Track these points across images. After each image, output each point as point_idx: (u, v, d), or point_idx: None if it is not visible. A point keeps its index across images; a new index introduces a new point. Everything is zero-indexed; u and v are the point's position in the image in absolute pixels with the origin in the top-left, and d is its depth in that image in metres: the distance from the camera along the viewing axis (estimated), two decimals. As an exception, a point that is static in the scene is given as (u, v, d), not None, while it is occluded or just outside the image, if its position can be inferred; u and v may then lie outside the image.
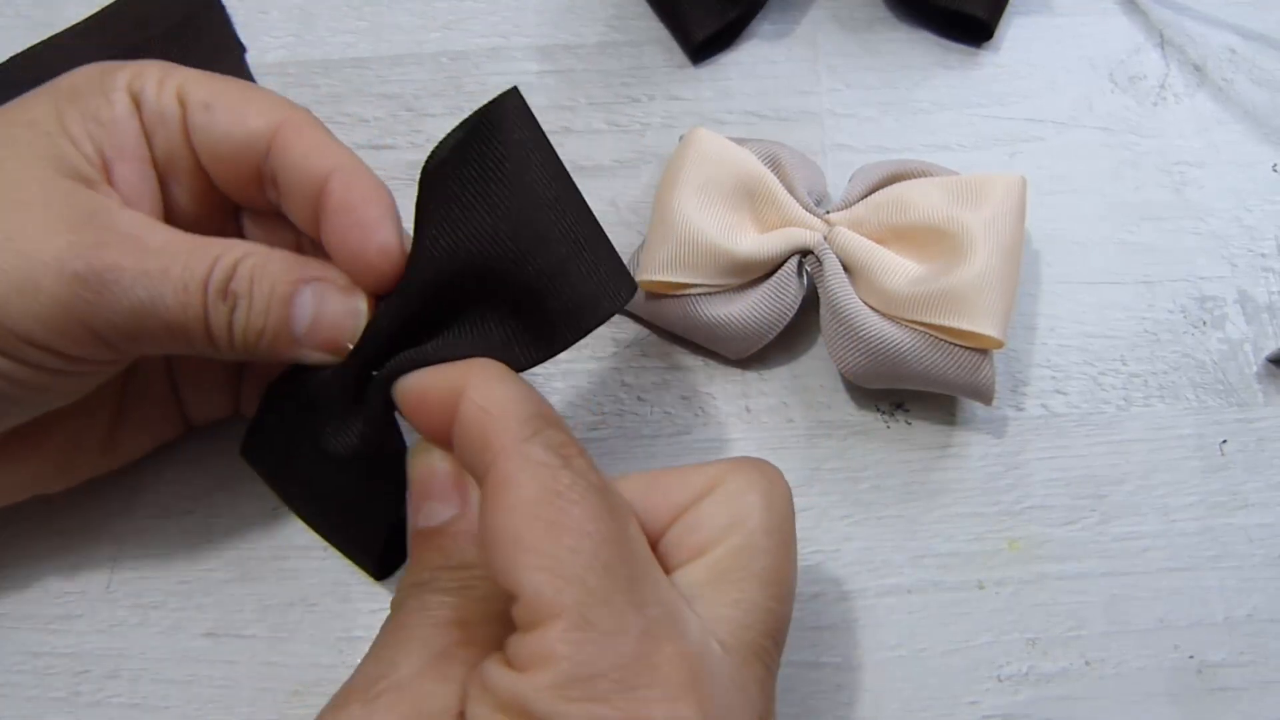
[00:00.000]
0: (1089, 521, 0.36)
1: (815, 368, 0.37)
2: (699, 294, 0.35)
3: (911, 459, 0.36)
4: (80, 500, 0.34)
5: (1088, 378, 0.37)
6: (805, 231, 0.35)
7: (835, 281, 0.34)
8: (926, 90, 0.41)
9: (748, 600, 0.25)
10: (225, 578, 0.35)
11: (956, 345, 0.33)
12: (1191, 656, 0.34)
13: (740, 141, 0.36)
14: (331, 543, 0.34)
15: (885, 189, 0.35)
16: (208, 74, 0.30)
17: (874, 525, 0.36)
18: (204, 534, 0.35)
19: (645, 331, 0.38)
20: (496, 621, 0.26)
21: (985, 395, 0.34)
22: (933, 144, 0.40)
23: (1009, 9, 0.42)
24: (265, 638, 0.34)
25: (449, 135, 0.29)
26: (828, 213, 0.36)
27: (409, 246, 0.29)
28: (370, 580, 0.35)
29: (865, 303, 0.34)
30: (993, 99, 0.41)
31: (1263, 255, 0.39)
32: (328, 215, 0.29)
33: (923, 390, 0.35)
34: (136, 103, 0.29)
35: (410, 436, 0.29)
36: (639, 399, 0.37)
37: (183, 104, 0.29)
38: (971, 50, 0.42)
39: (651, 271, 0.35)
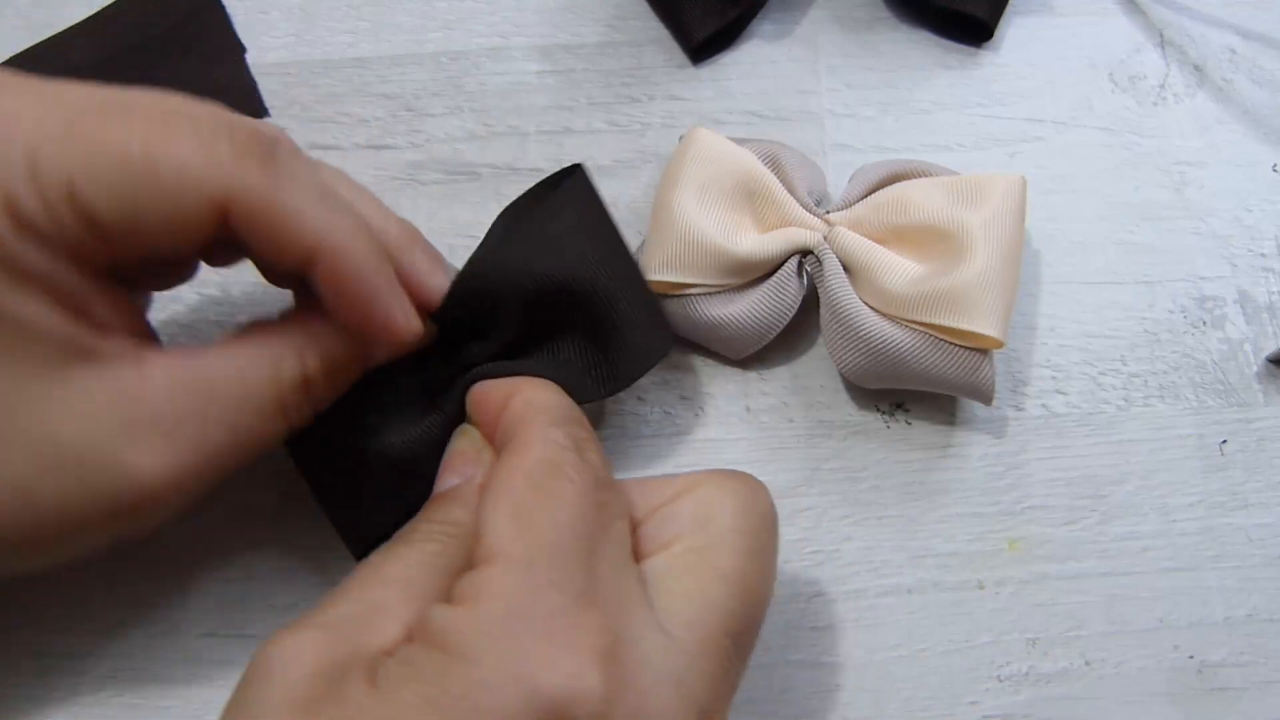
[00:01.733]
0: (1089, 521, 0.36)
1: (815, 368, 0.37)
2: (699, 294, 0.35)
3: (911, 459, 0.36)
4: (80, 500, 0.34)
5: (1088, 378, 0.37)
6: (805, 231, 0.35)
7: (835, 281, 0.34)
8: (926, 90, 0.41)
9: (705, 595, 0.25)
10: (225, 578, 0.35)
11: (956, 345, 0.33)
12: (1191, 656, 0.34)
13: (740, 141, 0.36)
14: (363, 549, 0.32)
15: (885, 189, 0.35)
16: (76, 142, 0.23)
17: (874, 525, 0.36)
18: (204, 534, 0.35)
19: (645, 331, 0.38)
20: (445, 578, 0.26)
21: (985, 395, 0.34)
22: (933, 144, 0.40)
23: (1009, 9, 0.42)
24: (265, 638, 0.34)
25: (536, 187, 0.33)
26: (828, 213, 0.36)
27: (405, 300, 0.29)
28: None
29: (865, 303, 0.34)
30: (993, 99, 0.41)
31: (1263, 255, 0.39)
32: (328, 301, 0.27)
33: (923, 390, 0.35)
34: (39, 238, 0.23)
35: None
36: (639, 399, 0.37)
37: (91, 224, 0.24)
38: (971, 50, 0.42)
39: (651, 271, 0.35)
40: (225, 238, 0.25)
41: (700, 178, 0.35)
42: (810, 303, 0.36)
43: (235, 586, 0.35)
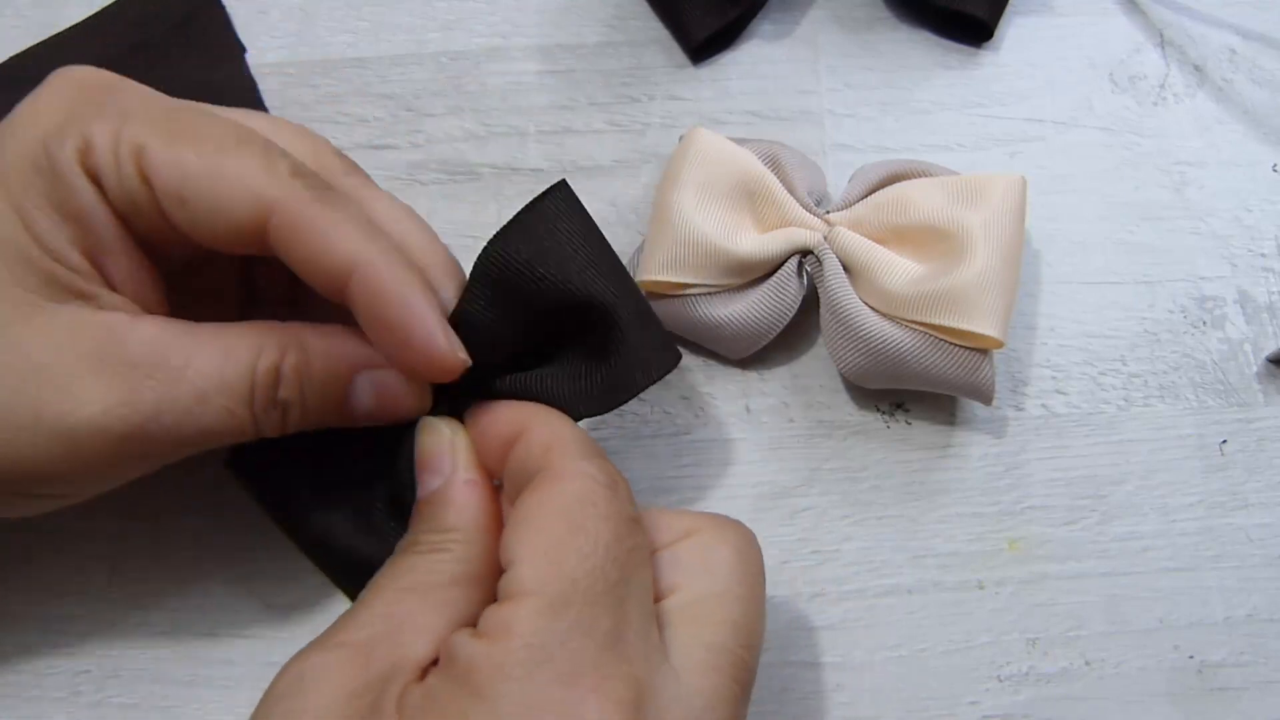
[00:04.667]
0: (1089, 521, 0.36)
1: (815, 368, 0.37)
2: (699, 294, 0.35)
3: (911, 459, 0.36)
4: (80, 500, 0.34)
5: (1088, 378, 0.37)
6: (805, 231, 0.35)
7: (835, 281, 0.34)
8: (926, 90, 0.41)
9: (719, 644, 0.25)
10: (225, 578, 0.35)
11: (956, 345, 0.33)
12: (1191, 656, 0.34)
13: (740, 141, 0.36)
14: (324, 563, 0.32)
15: (885, 189, 0.35)
16: (163, 124, 0.26)
17: (874, 525, 0.36)
18: (204, 534, 0.35)
19: (645, 331, 0.38)
20: (463, 586, 0.26)
21: (985, 395, 0.34)
22: (933, 144, 0.40)
23: (1009, 9, 0.42)
24: (265, 638, 0.34)
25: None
26: (828, 213, 0.36)
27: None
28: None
29: (865, 303, 0.34)
30: (993, 99, 0.41)
31: (1263, 255, 0.39)
32: (362, 322, 0.27)
33: (923, 390, 0.35)
34: (96, 182, 0.26)
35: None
36: (639, 399, 0.37)
37: (148, 183, 0.26)
38: (971, 50, 0.42)
39: (651, 271, 0.35)
40: (269, 250, 0.27)
41: (700, 178, 0.35)
42: (810, 303, 0.36)
43: (235, 586, 0.35)
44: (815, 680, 0.34)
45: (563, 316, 0.29)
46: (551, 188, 0.30)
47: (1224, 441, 0.37)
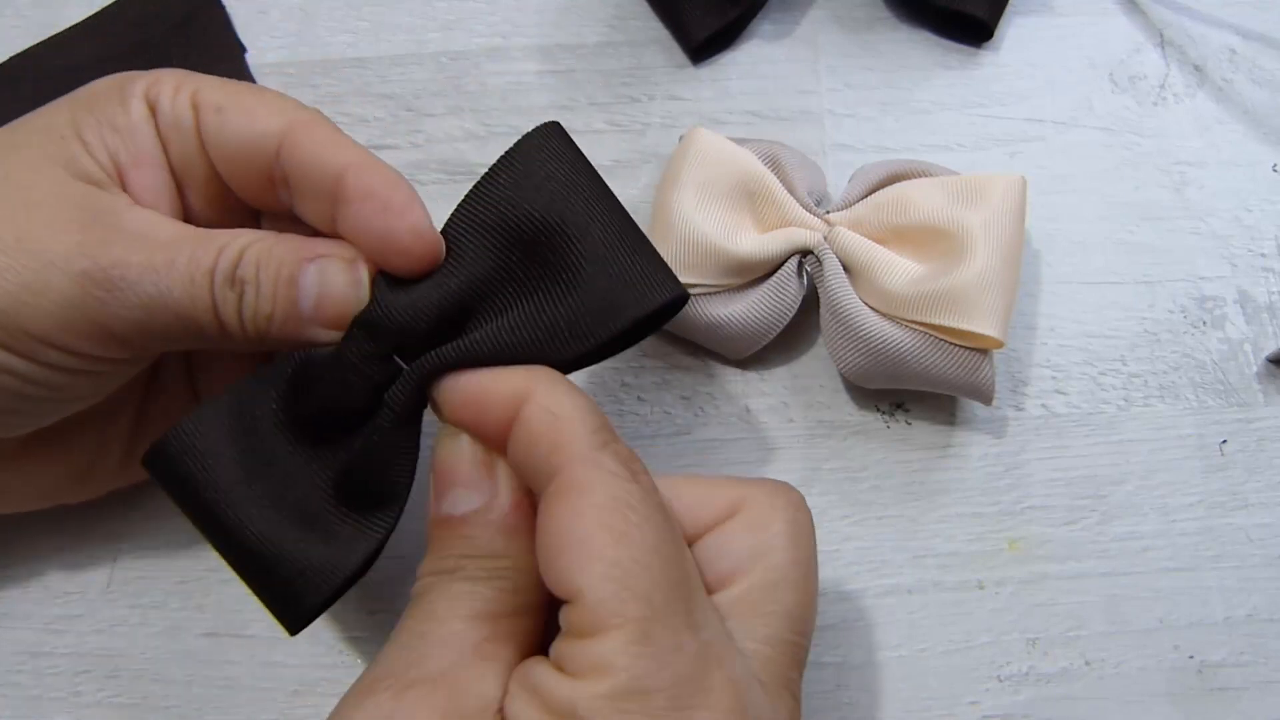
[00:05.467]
0: (1089, 521, 0.36)
1: (815, 368, 0.37)
2: (699, 294, 0.35)
3: (911, 459, 0.36)
4: (80, 500, 0.34)
5: (1088, 378, 0.37)
6: (805, 231, 0.35)
7: (835, 281, 0.34)
8: (926, 90, 0.41)
9: (776, 636, 0.25)
10: (225, 578, 0.35)
11: (956, 345, 0.33)
12: (1191, 656, 0.34)
13: (740, 141, 0.36)
14: (250, 578, 0.29)
15: (885, 189, 0.35)
16: (224, 80, 0.30)
17: (874, 525, 0.36)
18: (204, 534, 0.35)
19: (645, 331, 0.38)
20: (525, 615, 0.26)
21: (985, 395, 0.34)
22: (933, 144, 0.40)
23: (1009, 9, 0.42)
24: (265, 638, 0.34)
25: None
26: (828, 213, 0.36)
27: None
28: (369, 581, 0.35)
29: (865, 303, 0.34)
30: (993, 99, 0.41)
31: (1263, 255, 0.39)
32: (348, 205, 0.28)
33: (923, 390, 0.35)
34: (153, 109, 0.29)
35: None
36: (639, 399, 0.37)
37: (196, 109, 0.29)
38: (971, 50, 0.42)
39: (651, 271, 0.35)
40: (279, 176, 0.30)
41: (700, 178, 0.35)
42: (810, 303, 0.36)
43: (235, 586, 0.35)
44: (815, 680, 0.34)
45: (542, 244, 0.28)
46: (540, 126, 0.29)
47: (1224, 441, 0.37)
